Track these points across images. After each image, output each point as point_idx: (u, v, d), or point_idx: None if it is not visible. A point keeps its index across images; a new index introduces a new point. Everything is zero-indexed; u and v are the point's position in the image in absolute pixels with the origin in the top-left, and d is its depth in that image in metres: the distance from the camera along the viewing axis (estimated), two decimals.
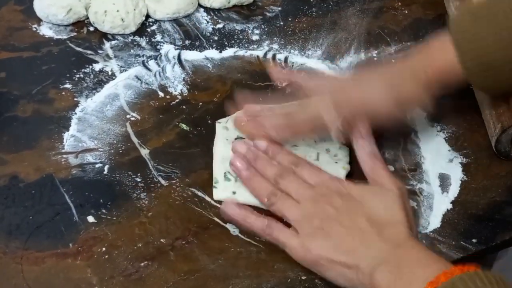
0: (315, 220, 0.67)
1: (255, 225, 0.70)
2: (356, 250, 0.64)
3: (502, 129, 0.78)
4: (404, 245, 0.63)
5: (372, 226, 0.65)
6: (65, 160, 0.79)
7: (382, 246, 0.64)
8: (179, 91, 0.89)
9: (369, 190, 0.70)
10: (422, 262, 0.61)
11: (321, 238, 0.66)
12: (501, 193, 0.77)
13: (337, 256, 0.65)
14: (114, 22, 0.96)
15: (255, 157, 0.75)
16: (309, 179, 0.72)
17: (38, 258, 0.68)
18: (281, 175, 0.72)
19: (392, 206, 0.67)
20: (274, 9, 1.04)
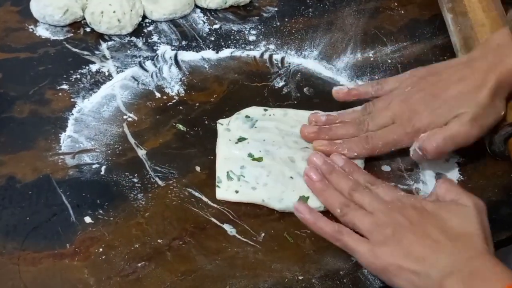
0: (386, 229, 0.66)
1: (325, 228, 0.69)
2: (427, 258, 0.63)
3: (494, 130, 0.78)
4: (478, 257, 0.62)
5: (445, 237, 0.64)
6: (62, 160, 0.79)
7: (455, 256, 0.62)
8: (175, 91, 0.89)
9: (445, 205, 0.68)
10: (496, 275, 0.60)
11: (391, 245, 0.65)
12: (498, 193, 0.77)
13: (407, 263, 0.64)
14: (111, 22, 0.96)
15: (330, 170, 0.74)
16: (384, 196, 0.71)
17: (35, 258, 0.68)
18: (356, 189, 0.72)
19: (467, 220, 0.65)
20: (270, 9, 1.04)
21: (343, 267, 0.69)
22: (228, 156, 0.78)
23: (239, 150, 0.78)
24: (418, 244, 0.64)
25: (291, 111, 0.84)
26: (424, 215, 0.66)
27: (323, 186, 0.73)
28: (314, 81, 0.91)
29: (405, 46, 0.98)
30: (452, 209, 0.67)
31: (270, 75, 0.92)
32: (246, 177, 0.76)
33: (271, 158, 0.77)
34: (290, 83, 0.91)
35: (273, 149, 0.78)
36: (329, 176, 0.74)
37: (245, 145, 0.79)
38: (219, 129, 0.81)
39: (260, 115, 0.83)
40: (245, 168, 0.76)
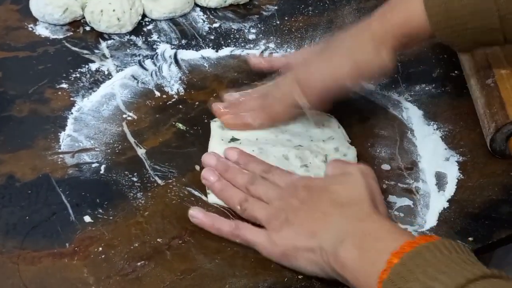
0: (281, 214, 0.68)
1: (223, 228, 0.70)
2: (318, 232, 0.64)
3: (496, 128, 0.78)
4: (367, 220, 0.63)
5: (334, 207, 0.65)
6: (61, 159, 0.79)
7: (344, 223, 0.63)
8: (175, 90, 0.89)
9: (332, 178, 0.70)
10: (386, 234, 0.61)
11: (286, 229, 0.66)
12: (497, 191, 0.77)
13: (300, 241, 0.65)
14: (110, 21, 0.96)
15: (225, 168, 0.75)
16: (279, 182, 0.72)
17: (35, 257, 0.68)
18: (252, 181, 0.72)
19: (353, 187, 0.67)
20: (270, 8, 1.04)
21: None
22: None
23: None
24: (308, 220, 0.66)
25: None
26: (314, 193, 0.68)
27: (221, 185, 0.73)
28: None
29: None
30: (338, 180, 0.69)
31: (270, 74, 0.91)
32: None
33: (264, 157, 0.77)
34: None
35: (267, 147, 0.77)
36: (225, 174, 0.74)
37: (238, 145, 0.78)
38: (213, 127, 0.81)
39: None
40: None
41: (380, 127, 0.84)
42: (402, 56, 0.95)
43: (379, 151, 0.81)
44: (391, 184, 0.78)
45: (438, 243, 0.56)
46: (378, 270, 0.57)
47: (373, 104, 0.88)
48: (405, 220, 0.74)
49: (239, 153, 0.76)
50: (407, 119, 0.86)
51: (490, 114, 0.80)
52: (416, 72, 0.93)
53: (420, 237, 0.58)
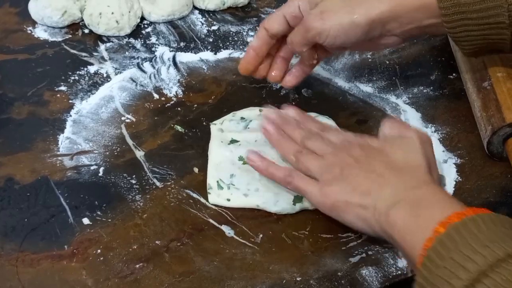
0: (335, 168, 0.69)
1: (277, 173, 0.72)
2: (373, 192, 0.66)
3: (492, 131, 0.78)
4: (422, 187, 0.64)
5: (389, 170, 0.66)
6: (60, 162, 0.79)
7: (399, 187, 0.65)
8: (174, 93, 0.89)
9: (389, 140, 0.71)
10: (438, 203, 0.62)
11: (339, 183, 0.68)
12: (495, 193, 0.77)
13: (353, 198, 0.66)
14: (109, 24, 0.96)
15: (284, 122, 0.77)
16: (334, 139, 0.73)
17: (34, 260, 0.68)
18: (308, 136, 0.74)
19: (410, 152, 0.68)
20: (268, 10, 1.04)
21: (341, 268, 0.69)
22: (219, 160, 0.77)
23: (231, 151, 0.78)
24: (363, 179, 0.67)
25: None
26: (369, 152, 0.69)
27: (279, 136, 0.76)
28: (312, 82, 0.91)
29: (403, 47, 0.97)
30: (396, 142, 0.69)
31: None
32: (236, 185, 0.75)
33: None
34: None
35: (265, 149, 0.77)
36: (284, 127, 0.76)
37: (237, 147, 0.78)
38: (212, 130, 0.81)
39: (255, 116, 0.83)
40: (234, 176, 0.76)
41: (378, 129, 0.84)
42: (400, 59, 0.96)
43: None
44: None
45: (485, 216, 0.57)
46: (424, 237, 0.58)
47: (371, 106, 0.88)
48: None
49: (297, 111, 0.79)
50: (405, 122, 0.86)
51: (486, 117, 0.80)
52: (414, 74, 0.93)
53: (469, 209, 0.59)
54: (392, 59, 0.96)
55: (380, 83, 0.92)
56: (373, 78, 0.93)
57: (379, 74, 0.93)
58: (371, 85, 0.91)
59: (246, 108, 0.85)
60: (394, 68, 0.94)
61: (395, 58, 0.96)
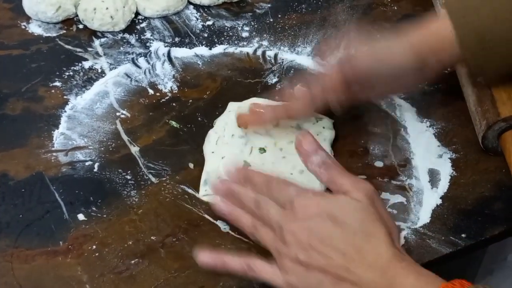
0: (290, 250, 0.62)
1: (236, 269, 0.66)
2: (343, 283, 0.60)
3: (487, 125, 0.78)
4: (391, 269, 0.59)
5: (351, 248, 0.60)
6: (55, 158, 0.79)
7: (368, 275, 0.59)
8: (169, 88, 0.89)
9: (337, 203, 0.63)
10: (418, 283, 0.58)
11: (301, 273, 0.61)
12: (490, 188, 0.77)
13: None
14: (104, 19, 0.95)
15: (230, 192, 0.70)
16: (280, 198, 0.66)
17: (28, 256, 0.68)
18: (257, 205, 0.67)
19: (364, 219, 0.62)
20: (263, 6, 1.04)
21: None
22: (211, 169, 0.77)
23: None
24: (328, 265, 0.60)
25: None
26: (323, 223, 0.62)
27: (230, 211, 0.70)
28: (307, 77, 0.91)
29: None
30: (345, 206, 0.63)
31: (264, 72, 0.92)
32: None
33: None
34: (283, 79, 0.91)
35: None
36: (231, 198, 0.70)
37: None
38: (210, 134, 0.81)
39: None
40: None
41: (373, 124, 0.84)
42: None
43: (373, 148, 0.82)
44: (384, 181, 0.78)
45: None
46: None
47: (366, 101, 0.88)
48: (398, 217, 0.74)
49: (237, 168, 0.72)
50: (400, 117, 0.86)
51: (481, 112, 0.80)
52: None
53: (453, 283, 0.57)
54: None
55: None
56: None
57: None
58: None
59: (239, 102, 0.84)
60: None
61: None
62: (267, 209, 0.66)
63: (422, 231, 0.73)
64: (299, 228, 0.63)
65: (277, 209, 0.66)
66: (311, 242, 0.61)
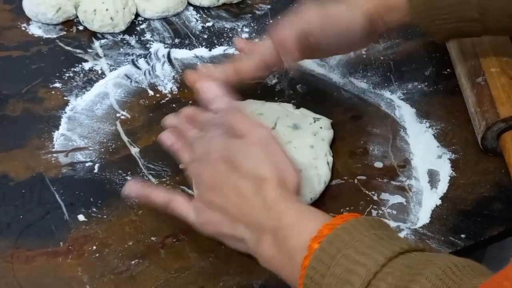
0: (202, 189, 0.67)
1: (157, 201, 0.69)
2: (238, 223, 0.63)
3: (486, 126, 0.78)
4: (277, 207, 0.61)
5: (246, 187, 0.63)
6: (55, 159, 0.79)
7: (258, 215, 0.61)
8: (168, 89, 0.89)
9: (237, 145, 0.66)
10: (301, 221, 0.59)
11: (209, 213, 0.65)
12: (490, 188, 0.78)
13: (224, 230, 0.64)
14: (104, 21, 0.96)
15: (181, 129, 0.75)
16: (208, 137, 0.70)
17: (29, 257, 0.68)
18: (195, 139, 0.71)
19: (257, 161, 0.64)
20: (263, 7, 1.04)
21: None
22: None
23: None
24: (229, 206, 0.63)
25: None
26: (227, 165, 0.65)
27: (176, 147, 0.74)
28: (307, 78, 0.91)
29: (397, 43, 0.98)
30: (242, 148, 0.65)
31: None
32: None
33: None
34: (283, 80, 0.91)
35: None
36: (180, 134, 0.74)
37: None
38: None
39: None
40: None
41: (372, 125, 0.84)
42: (394, 55, 0.96)
43: (372, 149, 0.82)
44: (384, 181, 0.78)
45: (354, 222, 0.55)
46: (300, 258, 0.55)
47: (365, 102, 0.88)
48: (398, 218, 0.74)
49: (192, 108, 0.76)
50: (400, 117, 0.86)
51: (480, 112, 0.80)
52: (409, 70, 0.93)
53: (337, 218, 0.57)
54: (386, 55, 0.96)
55: (375, 79, 0.92)
56: (368, 74, 0.93)
57: (374, 70, 0.93)
58: (365, 81, 0.91)
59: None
60: (388, 64, 0.94)
61: (389, 54, 0.96)
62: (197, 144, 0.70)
63: (421, 231, 0.73)
64: (205, 170, 0.67)
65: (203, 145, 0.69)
66: (214, 183, 0.65)
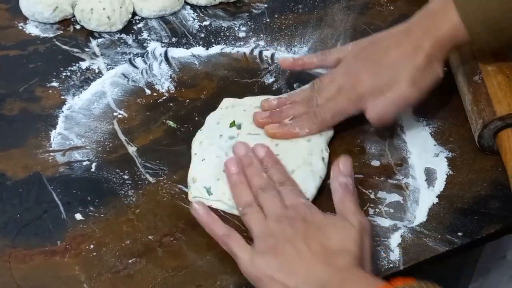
0: (270, 238, 0.66)
1: (217, 231, 0.69)
2: (298, 273, 0.63)
3: (483, 124, 0.79)
4: (348, 271, 0.62)
5: (322, 252, 0.63)
6: (52, 158, 0.79)
7: (325, 270, 0.62)
8: (166, 88, 0.89)
9: (332, 220, 0.68)
10: (363, 282, 0.61)
11: (270, 256, 0.64)
12: (486, 186, 0.78)
13: (278, 275, 0.63)
14: (100, 20, 0.96)
15: (249, 163, 0.74)
16: (286, 200, 0.70)
17: (26, 256, 0.68)
18: (264, 188, 0.71)
19: (347, 238, 0.65)
20: (260, 6, 1.04)
21: None
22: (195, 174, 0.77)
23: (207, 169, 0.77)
24: (294, 258, 0.64)
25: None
26: (310, 229, 0.66)
27: (237, 180, 0.73)
28: (305, 77, 0.91)
29: None
30: (337, 224, 0.66)
31: (260, 71, 0.92)
32: (214, 195, 0.74)
33: None
34: (280, 79, 0.91)
35: None
36: (246, 169, 0.74)
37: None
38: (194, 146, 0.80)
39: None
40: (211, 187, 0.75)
41: (370, 123, 0.84)
42: None
43: (369, 148, 0.82)
44: (381, 180, 0.78)
45: (413, 285, 0.57)
46: None
47: None
48: (395, 216, 0.74)
49: (266, 152, 0.75)
50: (397, 116, 0.86)
51: (477, 111, 0.80)
52: None
53: (396, 280, 0.58)
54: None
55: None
56: None
57: None
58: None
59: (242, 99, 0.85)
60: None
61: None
62: (269, 196, 0.70)
63: (418, 229, 0.73)
64: (287, 225, 0.66)
65: (275, 201, 0.70)
66: (292, 237, 0.65)
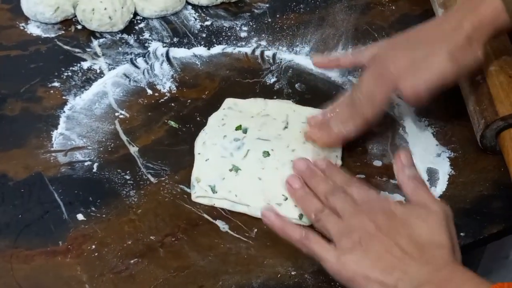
0: (354, 234, 0.64)
1: (293, 235, 0.67)
2: (395, 270, 0.61)
3: (485, 124, 0.78)
4: (446, 269, 0.60)
5: (413, 247, 0.62)
6: (54, 158, 0.79)
7: (423, 268, 0.61)
8: (167, 88, 0.89)
9: (414, 210, 0.66)
10: (467, 281, 0.59)
11: (358, 253, 0.63)
12: (488, 187, 0.78)
13: (374, 274, 0.61)
14: (102, 20, 0.96)
15: (312, 175, 0.73)
16: (357, 197, 0.68)
17: (28, 256, 0.68)
18: (332, 192, 0.70)
19: (435, 228, 0.63)
20: (261, 6, 1.04)
21: None
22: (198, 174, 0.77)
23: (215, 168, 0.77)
24: (385, 253, 0.62)
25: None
26: (393, 221, 0.64)
27: (302, 193, 0.72)
28: (306, 77, 0.91)
29: None
30: (421, 215, 0.64)
31: (262, 71, 0.92)
32: (219, 193, 0.75)
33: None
34: (281, 79, 0.91)
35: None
36: (309, 181, 0.73)
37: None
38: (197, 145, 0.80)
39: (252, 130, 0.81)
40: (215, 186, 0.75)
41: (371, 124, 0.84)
42: None
43: (371, 148, 0.82)
44: (383, 180, 0.78)
45: None
46: None
47: None
48: None
49: (327, 162, 0.75)
50: (399, 116, 0.86)
51: (479, 111, 0.80)
52: None
53: (501, 284, 0.57)
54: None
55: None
56: None
57: None
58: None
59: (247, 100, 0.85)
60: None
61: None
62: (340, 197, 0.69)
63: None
64: (367, 219, 0.65)
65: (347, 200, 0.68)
66: (377, 232, 0.63)
